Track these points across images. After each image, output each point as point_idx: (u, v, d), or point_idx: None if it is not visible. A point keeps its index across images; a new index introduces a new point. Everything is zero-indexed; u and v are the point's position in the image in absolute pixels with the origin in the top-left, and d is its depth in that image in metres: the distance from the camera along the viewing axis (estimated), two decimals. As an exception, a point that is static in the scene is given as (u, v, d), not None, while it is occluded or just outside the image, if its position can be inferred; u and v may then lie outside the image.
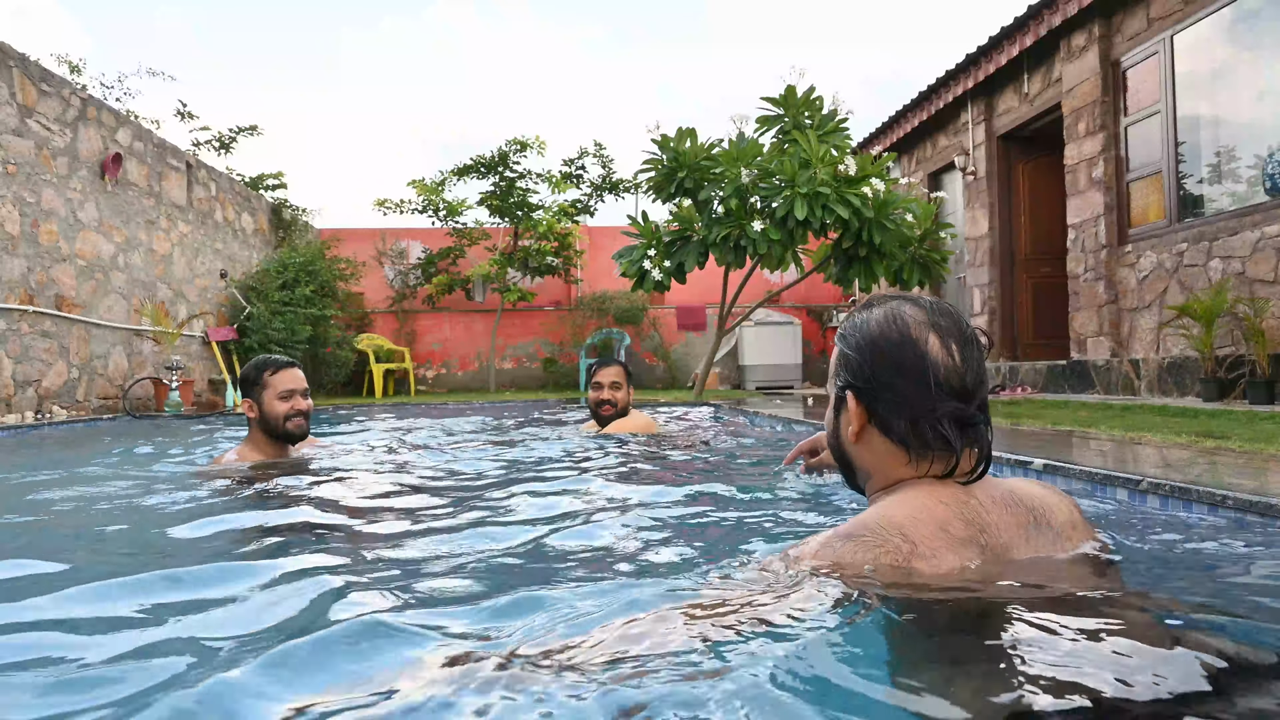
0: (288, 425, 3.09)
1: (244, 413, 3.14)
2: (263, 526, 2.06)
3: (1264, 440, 2.91)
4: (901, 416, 1.29)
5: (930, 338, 1.28)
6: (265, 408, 3.07)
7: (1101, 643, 0.92)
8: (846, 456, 1.41)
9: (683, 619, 1.05)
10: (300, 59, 47.30)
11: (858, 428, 1.34)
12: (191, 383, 8.86)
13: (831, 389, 1.42)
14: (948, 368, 1.27)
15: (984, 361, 1.32)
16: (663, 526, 1.98)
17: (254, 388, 3.09)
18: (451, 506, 2.35)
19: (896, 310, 1.32)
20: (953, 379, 1.27)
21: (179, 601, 1.38)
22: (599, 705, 0.83)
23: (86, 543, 2.03)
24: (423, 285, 13.38)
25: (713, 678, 0.89)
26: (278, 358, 3.18)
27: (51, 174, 7.14)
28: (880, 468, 1.34)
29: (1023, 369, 8.35)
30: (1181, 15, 6.51)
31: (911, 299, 1.35)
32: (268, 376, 3.08)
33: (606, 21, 55.76)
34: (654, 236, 7.77)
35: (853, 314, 1.40)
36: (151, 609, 1.34)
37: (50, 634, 1.23)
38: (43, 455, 4.69)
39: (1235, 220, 6.00)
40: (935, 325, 1.30)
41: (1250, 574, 1.53)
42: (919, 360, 1.27)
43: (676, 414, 6.49)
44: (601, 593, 1.28)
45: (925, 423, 1.27)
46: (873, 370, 1.31)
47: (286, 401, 3.07)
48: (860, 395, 1.33)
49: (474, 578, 1.57)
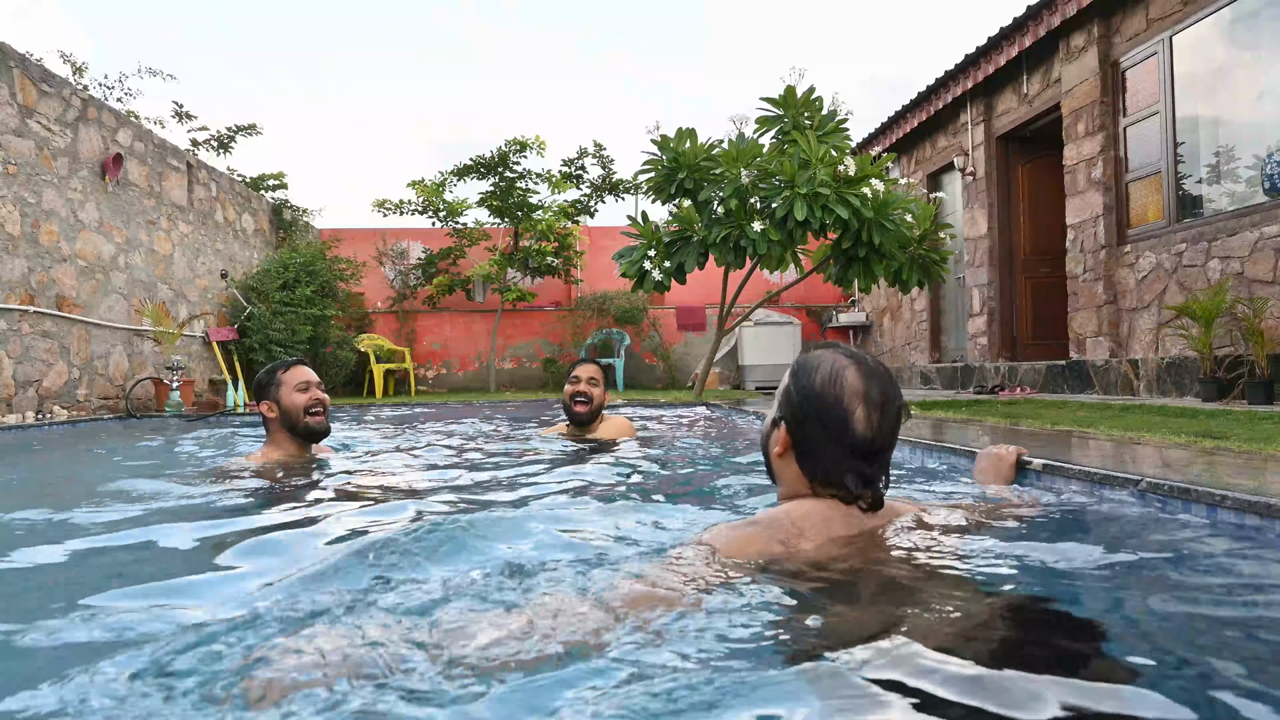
0: (308, 419, 3.10)
1: (264, 414, 3.15)
2: (257, 527, 2.07)
3: (1263, 440, 2.92)
4: (815, 461, 1.60)
5: (858, 409, 1.57)
6: (285, 402, 3.09)
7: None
8: (769, 464, 1.71)
9: (591, 601, 1.23)
10: (300, 59, 47.31)
11: (781, 450, 1.65)
12: (192, 383, 8.86)
13: (773, 409, 1.70)
14: (864, 436, 1.57)
15: (898, 426, 1.63)
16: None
17: (270, 388, 3.11)
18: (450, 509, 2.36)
19: (839, 374, 1.60)
20: (864, 445, 1.57)
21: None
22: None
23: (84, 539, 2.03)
24: (423, 285, 13.39)
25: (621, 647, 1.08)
26: (286, 359, 3.23)
27: (52, 174, 7.15)
28: (791, 483, 1.65)
29: (1022, 369, 8.36)
30: (1181, 16, 6.52)
31: (858, 361, 1.62)
32: (281, 374, 3.13)
33: (607, 22, 55.76)
34: (654, 237, 7.78)
35: (807, 356, 1.68)
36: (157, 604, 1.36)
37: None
38: (47, 454, 4.70)
39: (1234, 220, 6.01)
40: (866, 396, 1.58)
41: (1245, 573, 1.54)
42: (842, 426, 1.57)
43: (678, 413, 6.50)
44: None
45: (833, 473, 1.58)
46: (804, 417, 1.61)
47: (304, 393, 3.10)
48: (789, 429, 1.63)
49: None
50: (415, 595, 1.32)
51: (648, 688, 0.97)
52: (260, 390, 3.15)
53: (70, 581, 1.66)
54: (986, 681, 0.99)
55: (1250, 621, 1.29)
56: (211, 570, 1.66)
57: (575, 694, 0.96)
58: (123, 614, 1.32)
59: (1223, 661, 1.09)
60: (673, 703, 0.94)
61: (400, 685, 0.97)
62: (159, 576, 1.59)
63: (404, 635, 1.10)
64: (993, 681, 0.99)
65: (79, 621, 1.28)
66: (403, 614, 1.21)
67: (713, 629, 1.17)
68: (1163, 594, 1.44)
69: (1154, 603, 1.39)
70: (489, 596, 1.32)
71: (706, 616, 1.21)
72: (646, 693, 0.96)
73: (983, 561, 1.56)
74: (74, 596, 1.41)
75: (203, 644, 1.10)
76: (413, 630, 1.12)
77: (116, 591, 1.47)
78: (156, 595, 1.45)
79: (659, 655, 1.08)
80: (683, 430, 5.31)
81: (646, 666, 1.04)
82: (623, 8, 57.57)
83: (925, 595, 1.39)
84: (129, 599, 1.42)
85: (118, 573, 1.72)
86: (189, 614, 1.32)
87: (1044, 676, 0.98)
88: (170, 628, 1.23)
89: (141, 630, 1.24)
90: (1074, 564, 1.58)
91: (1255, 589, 1.48)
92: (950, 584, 1.44)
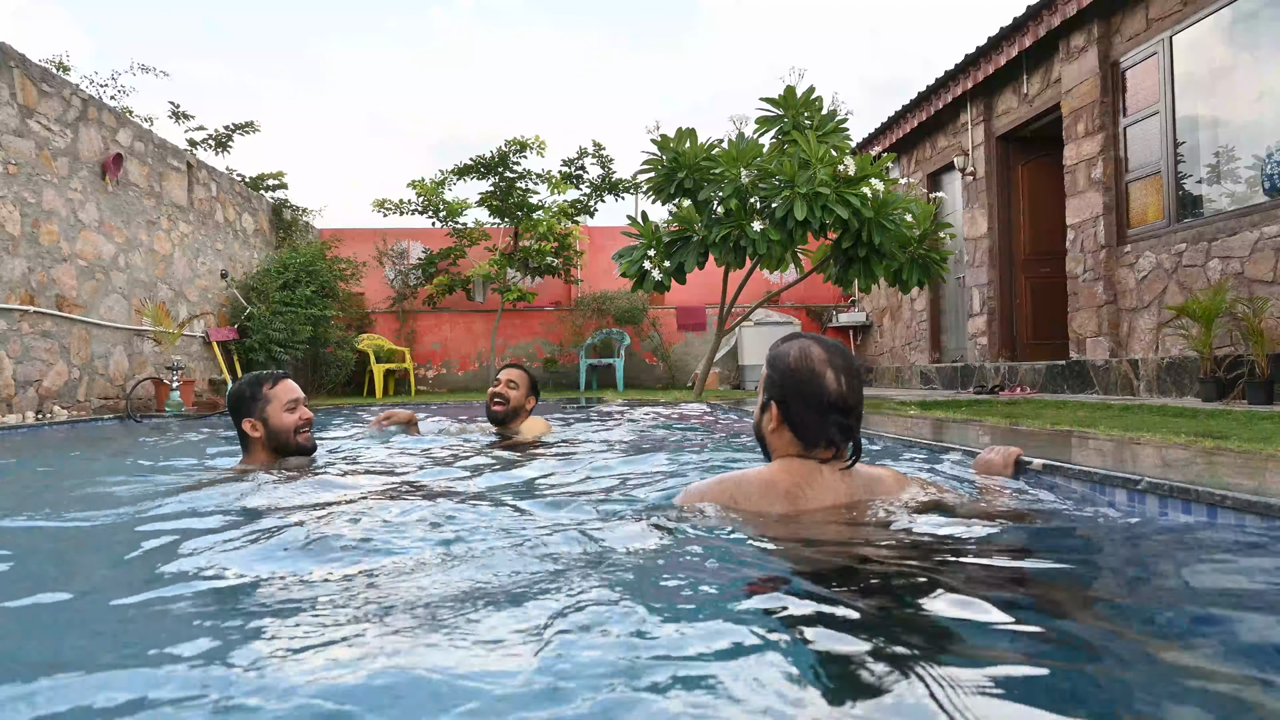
0: (299, 438, 2.92)
1: (246, 433, 2.91)
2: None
3: (1263, 440, 2.92)
4: (805, 426, 1.93)
5: (828, 374, 1.92)
6: (272, 422, 2.89)
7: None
8: (762, 439, 2.04)
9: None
10: (300, 60, 47.29)
11: (775, 425, 1.97)
12: (192, 383, 8.86)
13: (760, 396, 2.04)
14: (838, 393, 1.91)
15: (862, 387, 1.97)
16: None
17: (254, 404, 2.89)
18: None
19: (807, 351, 1.95)
20: (840, 401, 1.91)
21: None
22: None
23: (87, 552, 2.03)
24: (423, 285, 13.39)
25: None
26: (269, 372, 3.01)
27: (52, 174, 7.15)
28: (781, 449, 1.98)
29: (1022, 369, 8.37)
30: (1180, 16, 6.53)
31: (818, 341, 1.98)
32: (267, 390, 2.91)
33: (607, 22, 55.74)
34: (654, 237, 7.78)
35: (777, 347, 2.02)
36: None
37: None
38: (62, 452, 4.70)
39: (1234, 220, 6.01)
40: (832, 364, 1.93)
41: (1242, 573, 1.54)
42: (820, 390, 1.91)
43: (678, 412, 6.50)
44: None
45: (819, 432, 1.92)
46: (787, 393, 1.95)
47: (293, 413, 2.91)
48: (779, 407, 1.96)
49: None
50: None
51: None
52: (242, 404, 2.90)
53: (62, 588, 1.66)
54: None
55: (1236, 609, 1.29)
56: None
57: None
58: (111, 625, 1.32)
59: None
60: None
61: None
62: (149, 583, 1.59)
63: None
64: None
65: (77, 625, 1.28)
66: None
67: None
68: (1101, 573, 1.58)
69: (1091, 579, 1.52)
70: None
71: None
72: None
73: (941, 521, 1.87)
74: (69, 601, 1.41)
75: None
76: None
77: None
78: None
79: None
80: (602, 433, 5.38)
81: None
82: (623, 7, 57.55)
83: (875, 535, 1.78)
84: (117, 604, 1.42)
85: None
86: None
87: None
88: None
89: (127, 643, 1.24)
90: (1040, 539, 1.85)
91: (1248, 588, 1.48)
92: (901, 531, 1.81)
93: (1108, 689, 0.99)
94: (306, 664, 1.05)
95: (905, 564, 1.58)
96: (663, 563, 1.60)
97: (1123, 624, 1.26)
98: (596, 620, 1.17)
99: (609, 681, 0.96)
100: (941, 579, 1.43)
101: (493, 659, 1.05)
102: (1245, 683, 1.00)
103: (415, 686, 0.96)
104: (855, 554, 1.67)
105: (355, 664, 1.04)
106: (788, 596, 1.33)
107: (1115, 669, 1.05)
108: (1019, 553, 1.74)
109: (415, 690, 0.96)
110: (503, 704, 0.91)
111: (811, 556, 1.67)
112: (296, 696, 0.93)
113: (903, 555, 1.64)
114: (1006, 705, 0.92)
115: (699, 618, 1.24)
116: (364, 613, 1.27)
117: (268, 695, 0.94)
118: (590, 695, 0.93)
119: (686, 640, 1.11)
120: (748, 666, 1.02)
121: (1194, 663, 1.08)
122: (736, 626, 1.16)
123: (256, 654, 1.09)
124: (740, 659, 1.05)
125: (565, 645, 1.08)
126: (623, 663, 1.02)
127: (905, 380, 11.24)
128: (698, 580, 1.47)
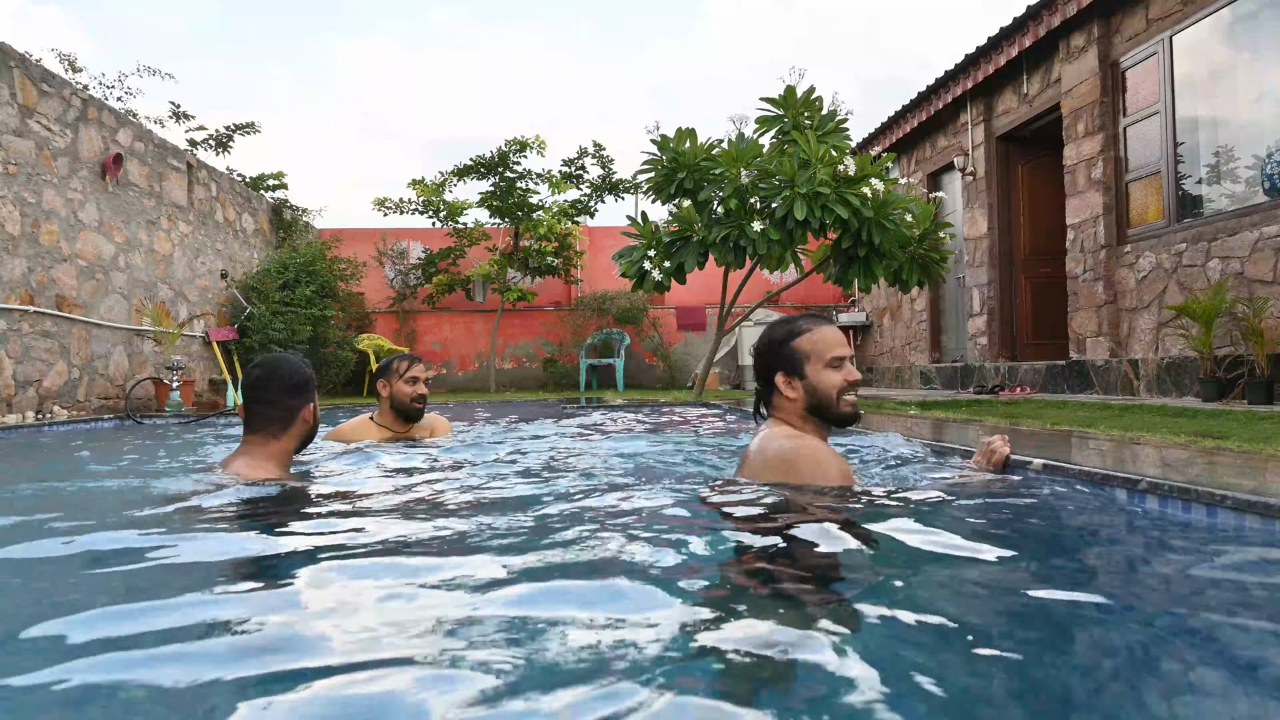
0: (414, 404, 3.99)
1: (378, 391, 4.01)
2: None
3: (1263, 440, 2.92)
4: (814, 386, 2.21)
5: (803, 326, 2.25)
6: (395, 389, 3.97)
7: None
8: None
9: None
10: (300, 60, 47.29)
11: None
12: (192, 383, 8.86)
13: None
14: (822, 339, 2.23)
15: (835, 329, 2.28)
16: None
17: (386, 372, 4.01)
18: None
19: (775, 326, 2.30)
20: (825, 346, 2.22)
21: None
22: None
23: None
24: (423, 285, 13.39)
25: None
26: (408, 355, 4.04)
27: (52, 174, 7.15)
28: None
29: (1022, 369, 8.37)
30: (1180, 16, 6.53)
31: (780, 318, 2.28)
32: (398, 364, 3.98)
33: (607, 22, 55.77)
34: (654, 237, 7.78)
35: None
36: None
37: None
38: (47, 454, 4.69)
39: (1234, 220, 6.01)
40: (799, 321, 2.26)
41: (1241, 572, 1.55)
42: (805, 343, 2.22)
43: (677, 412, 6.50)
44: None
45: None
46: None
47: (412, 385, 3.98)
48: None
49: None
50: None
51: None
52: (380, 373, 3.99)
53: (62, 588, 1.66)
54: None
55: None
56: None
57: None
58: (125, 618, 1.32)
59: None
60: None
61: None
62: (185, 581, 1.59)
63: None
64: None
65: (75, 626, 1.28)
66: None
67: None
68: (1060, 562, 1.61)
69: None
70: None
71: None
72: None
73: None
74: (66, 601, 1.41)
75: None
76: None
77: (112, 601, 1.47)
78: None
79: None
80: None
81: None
82: (623, 7, 57.56)
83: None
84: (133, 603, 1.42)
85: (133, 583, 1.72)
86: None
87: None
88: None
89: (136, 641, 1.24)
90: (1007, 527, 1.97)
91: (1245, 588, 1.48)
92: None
93: (1106, 689, 0.99)
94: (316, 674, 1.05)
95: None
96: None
97: (1119, 624, 1.26)
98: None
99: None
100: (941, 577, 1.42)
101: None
102: (1240, 684, 1.01)
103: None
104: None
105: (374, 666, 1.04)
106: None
107: (1114, 670, 1.05)
108: (1012, 551, 1.74)
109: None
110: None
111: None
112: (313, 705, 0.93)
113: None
114: (1007, 705, 0.92)
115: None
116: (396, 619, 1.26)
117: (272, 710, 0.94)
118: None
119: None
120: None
121: (1190, 664, 1.08)
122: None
123: (254, 671, 1.09)
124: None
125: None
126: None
127: (905, 380, 11.24)
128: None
